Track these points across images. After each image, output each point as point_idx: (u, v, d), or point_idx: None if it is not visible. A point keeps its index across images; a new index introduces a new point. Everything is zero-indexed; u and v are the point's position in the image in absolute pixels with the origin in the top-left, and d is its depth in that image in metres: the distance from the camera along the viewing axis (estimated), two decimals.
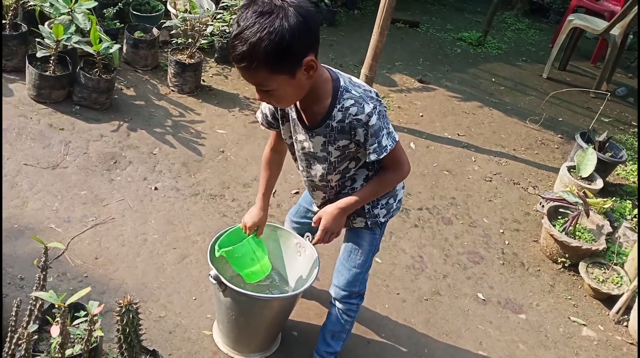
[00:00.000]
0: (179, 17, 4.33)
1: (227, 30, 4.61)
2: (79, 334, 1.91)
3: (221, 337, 2.48)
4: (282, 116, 1.97)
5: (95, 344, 1.94)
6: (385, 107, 1.84)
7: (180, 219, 3.16)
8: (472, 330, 2.96)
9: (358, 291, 2.31)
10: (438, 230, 3.68)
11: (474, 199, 4.08)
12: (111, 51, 3.75)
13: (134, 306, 1.82)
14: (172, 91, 4.37)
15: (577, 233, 3.57)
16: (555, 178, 4.46)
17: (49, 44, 3.65)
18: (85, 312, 1.97)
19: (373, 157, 1.81)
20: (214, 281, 2.20)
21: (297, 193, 3.64)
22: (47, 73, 3.67)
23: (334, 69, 1.81)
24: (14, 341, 1.62)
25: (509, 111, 5.57)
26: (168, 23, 4.40)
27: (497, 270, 3.45)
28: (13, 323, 1.63)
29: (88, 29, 3.72)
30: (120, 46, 4.00)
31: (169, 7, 4.77)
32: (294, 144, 2.01)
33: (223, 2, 4.73)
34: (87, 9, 3.77)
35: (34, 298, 1.61)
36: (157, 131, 3.83)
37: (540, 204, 4.10)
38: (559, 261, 3.57)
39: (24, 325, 1.60)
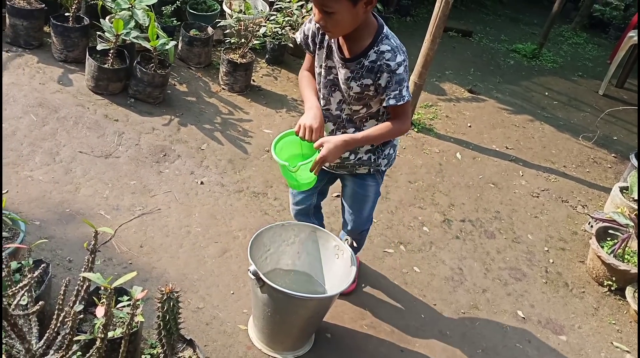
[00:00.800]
0: (233, 17, 4.42)
1: (280, 32, 4.67)
2: (121, 317, 1.98)
3: (256, 333, 2.51)
4: (321, 40, 2.11)
5: (135, 329, 2.00)
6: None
7: (223, 214, 3.22)
8: (509, 348, 2.89)
9: (368, 227, 2.68)
10: (480, 243, 3.61)
11: (519, 214, 3.98)
12: (167, 47, 3.87)
13: (175, 294, 1.87)
14: (223, 89, 4.46)
15: (626, 257, 3.43)
16: (606, 198, 4.30)
17: (109, 37, 3.79)
18: (128, 297, 2.04)
19: (392, 102, 1.99)
20: (253, 277, 2.23)
21: (338, 195, 3.65)
22: (106, 66, 3.81)
23: (379, 17, 2.01)
24: (60, 319, 1.69)
25: (561, 127, 5.41)
26: (223, 22, 4.50)
27: (539, 289, 3.35)
28: (60, 302, 1.70)
29: (146, 25, 3.84)
30: (176, 42, 4.11)
31: (225, 7, 4.88)
32: (322, 71, 2.15)
33: (277, 4, 4.80)
34: (147, 6, 3.90)
35: (81, 279, 1.68)
36: (207, 127, 3.92)
37: (589, 224, 3.96)
38: (605, 284, 3.44)
39: (70, 305, 1.66)
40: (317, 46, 2.12)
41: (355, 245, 2.59)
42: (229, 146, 3.82)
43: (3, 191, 2.90)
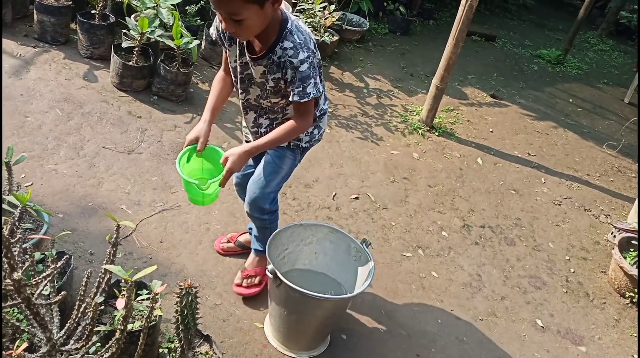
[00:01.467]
0: None
1: None
2: (141, 310, 1.99)
3: (272, 331, 2.52)
4: (230, 37, 2.07)
5: (154, 322, 2.02)
6: (319, 59, 2.02)
7: (242, 213, 3.22)
8: (527, 357, 2.85)
9: (269, 209, 2.44)
10: (500, 249, 3.56)
11: (540, 222, 3.93)
12: (190, 46, 3.90)
13: (194, 290, 1.88)
14: None
15: None
16: (630, 207, 4.22)
17: (134, 35, 3.84)
18: (148, 291, 2.05)
19: (296, 98, 1.98)
20: (270, 276, 2.24)
21: (356, 197, 3.64)
22: (130, 63, 3.86)
23: (284, 10, 1.96)
24: (81, 310, 1.71)
25: (585, 134, 5.33)
26: None
27: (559, 298, 3.30)
28: (82, 294, 1.72)
29: (171, 23, 3.89)
30: (199, 42, 4.15)
31: None
32: (237, 67, 2.12)
33: (299, 6, 4.82)
34: (172, 5, 3.94)
35: (103, 271, 1.70)
36: (228, 126, 3.94)
37: (611, 234, 3.89)
38: (627, 295, 3.37)
39: (92, 296, 1.68)
40: (229, 43, 2.09)
41: (372, 245, 2.54)
42: None
43: (28, 184, 2.95)
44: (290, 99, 2.01)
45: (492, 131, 4.93)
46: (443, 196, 3.91)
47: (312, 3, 4.77)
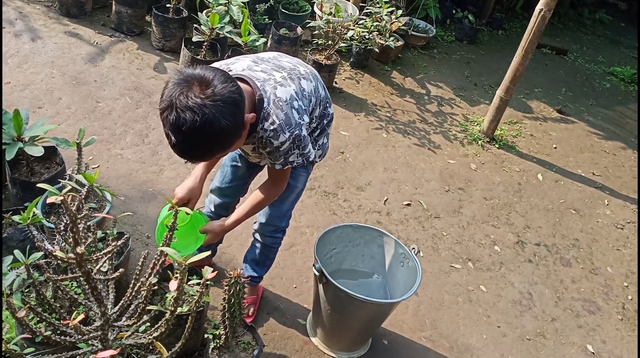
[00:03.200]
0: (323, 19, 4.49)
1: (367, 37, 4.69)
2: (191, 294, 2.07)
3: (314, 329, 2.54)
4: None
5: (202, 308, 2.08)
6: (303, 128, 1.77)
7: (293, 210, 3.27)
8: None
9: (284, 227, 2.36)
10: (554, 269, 3.44)
11: (599, 244, 3.76)
12: (257, 43, 3.99)
13: (242, 279, 1.93)
14: None
15: None
16: None
17: (204, 30, 3.97)
18: (199, 277, 2.12)
19: (277, 167, 1.87)
20: (317, 273, 2.26)
21: (408, 204, 3.61)
22: (199, 57, 3.99)
23: (259, 84, 1.74)
24: (135, 288, 1.79)
25: None
26: (312, 23, 4.58)
27: (613, 325, 3.15)
28: (137, 273, 1.80)
29: (240, 20, 3.99)
30: (265, 40, 4.24)
31: (316, 9, 4.96)
32: None
33: (367, 9, 4.82)
34: (242, 2, 4.05)
35: (158, 254, 1.77)
36: None
37: None
38: None
39: (146, 276, 1.76)
40: None
41: (420, 253, 2.50)
42: None
43: (95, 166, 3.11)
44: (270, 166, 1.90)
45: (555, 147, 4.76)
46: (498, 210, 3.81)
47: (379, 7, 4.76)
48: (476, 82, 5.51)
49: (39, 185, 1.77)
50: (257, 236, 2.40)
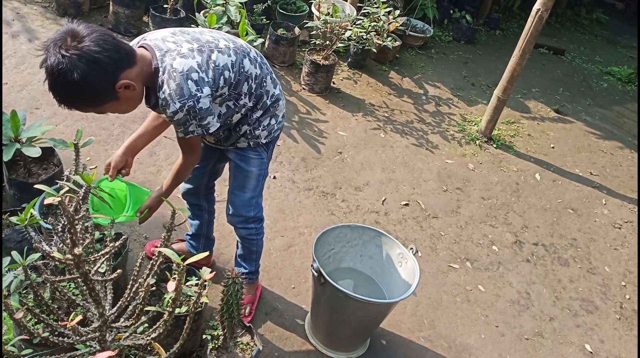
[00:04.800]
0: (320, 19, 4.50)
1: (364, 37, 4.70)
2: (189, 295, 2.06)
3: (312, 329, 2.54)
4: None
5: (200, 308, 2.08)
6: (203, 101, 1.77)
7: (291, 210, 3.28)
8: None
9: (254, 216, 2.33)
10: (552, 269, 3.45)
11: (597, 244, 3.77)
12: (255, 44, 3.98)
13: (240, 280, 1.93)
14: (303, 88, 4.54)
15: None
16: None
17: None
18: (197, 278, 2.12)
19: (180, 135, 1.88)
20: (315, 274, 2.26)
21: (406, 204, 3.62)
22: None
23: (160, 47, 1.79)
24: (133, 290, 1.79)
25: None
26: (310, 24, 4.58)
27: (611, 324, 3.16)
28: (135, 274, 1.80)
29: (238, 21, 3.98)
30: (263, 40, 4.23)
31: (313, 9, 4.97)
32: None
33: (364, 9, 4.83)
34: (240, 3, 4.04)
35: (156, 254, 1.77)
36: (285, 124, 4.00)
37: None
38: None
39: (144, 277, 1.76)
40: None
41: (419, 253, 2.51)
42: (303, 145, 3.88)
43: (93, 166, 3.11)
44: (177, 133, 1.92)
45: (553, 147, 4.77)
46: (496, 210, 3.82)
47: (377, 7, 4.77)
48: (474, 82, 5.52)
49: (36, 186, 1.77)
50: (234, 230, 2.41)
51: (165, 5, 4.26)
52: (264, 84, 2.03)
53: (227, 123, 2.04)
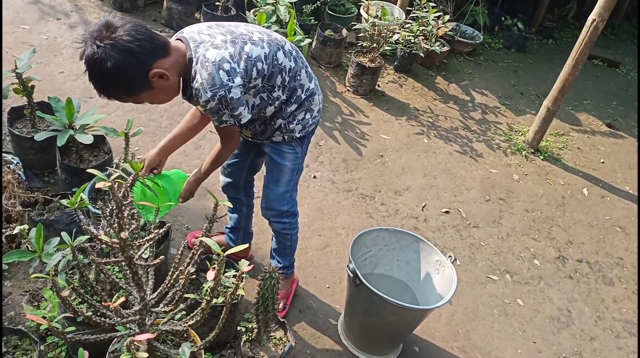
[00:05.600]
0: (369, 22, 4.49)
1: (412, 41, 4.66)
2: (227, 286, 2.09)
3: (345, 330, 2.53)
4: None
5: (236, 300, 2.11)
6: (234, 91, 1.80)
7: (330, 210, 3.28)
8: None
9: (287, 211, 2.35)
10: (595, 288, 3.33)
11: None
12: (302, 44, 4.01)
13: (277, 275, 1.95)
14: (348, 90, 4.54)
15: None
16: None
17: None
18: (235, 270, 2.15)
19: (216, 124, 1.92)
20: (351, 275, 2.26)
21: (447, 211, 3.56)
22: None
23: (195, 39, 1.84)
24: (173, 277, 1.83)
25: None
26: (358, 26, 4.58)
27: None
28: (176, 262, 1.84)
29: (287, 20, 4.02)
30: (310, 40, 4.26)
31: (362, 11, 4.96)
32: None
33: (413, 13, 4.79)
34: (289, 3, 4.08)
35: (197, 244, 1.80)
36: (327, 124, 4.02)
37: None
38: None
39: (185, 265, 1.79)
40: None
41: (457, 262, 2.48)
42: (344, 146, 3.88)
43: (140, 156, 3.19)
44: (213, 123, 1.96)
45: (603, 162, 4.61)
46: (540, 223, 3.72)
47: (426, 11, 4.73)
48: (523, 91, 5.39)
49: (88, 170, 1.83)
50: (268, 224, 2.44)
51: (217, 3, 4.35)
52: (298, 77, 2.05)
53: (262, 116, 2.07)
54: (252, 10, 4.27)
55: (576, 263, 3.47)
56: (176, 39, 1.89)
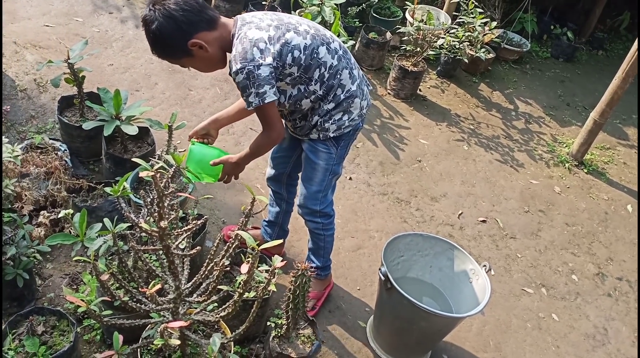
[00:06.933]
0: (414, 26, 4.46)
1: (457, 46, 4.61)
2: (259, 281, 2.12)
3: (374, 333, 2.53)
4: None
5: (267, 295, 2.13)
6: (263, 68, 1.87)
7: (364, 212, 3.28)
8: None
9: (320, 211, 2.37)
10: (635, 307, 3.21)
11: None
12: (345, 45, 4.02)
13: (309, 273, 1.96)
14: (389, 93, 4.52)
15: None
16: None
17: None
18: (267, 266, 2.18)
19: (246, 107, 1.98)
20: (383, 278, 2.25)
21: (484, 221, 3.51)
22: None
23: (245, 19, 1.95)
24: (208, 268, 1.86)
25: None
26: (402, 29, 4.56)
27: None
28: (212, 254, 1.88)
29: (331, 22, 4.03)
30: (354, 42, 4.26)
31: (407, 15, 4.94)
32: None
33: (460, 19, 4.73)
34: (335, 4, 4.10)
35: (233, 237, 1.83)
36: (366, 127, 4.01)
37: None
38: None
39: (219, 258, 1.83)
40: None
41: (491, 272, 2.44)
42: (382, 149, 3.87)
43: (182, 150, 3.27)
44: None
45: None
46: (580, 238, 3.61)
47: (473, 17, 4.66)
48: (569, 102, 5.25)
49: (133, 159, 1.89)
50: (304, 223, 2.48)
51: (263, 2, 4.40)
52: (339, 76, 2.08)
53: (298, 108, 2.11)
54: (297, 11, 4.30)
55: (616, 280, 3.36)
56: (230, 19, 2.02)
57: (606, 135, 4.81)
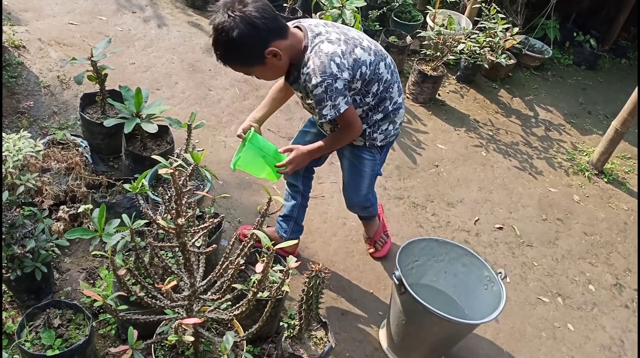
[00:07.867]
0: (434, 30, 4.44)
1: (477, 52, 4.58)
2: (273, 281, 2.13)
3: (386, 337, 2.52)
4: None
5: (281, 295, 2.14)
6: (339, 82, 1.94)
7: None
8: None
9: (370, 205, 2.65)
10: None
11: None
12: None
13: (323, 274, 1.96)
14: (407, 97, 4.51)
15: None
16: None
17: None
18: (281, 266, 2.19)
19: (319, 120, 2.06)
20: (396, 282, 2.24)
21: (500, 228, 3.48)
22: None
23: (313, 30, 2.00)
24: (223, 266, 1.88)
25: None
26: (423, 33, 4.54)
27: None
28: (227, 252, 1.89)
29: (352, 25, 4.04)
30: None
31: (428, 19, 4.92)
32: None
33: (481, 24, 4.70)
34: (356, 7, 4.10)
35: (249, 237, 1.84)
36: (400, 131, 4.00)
37: None
38: None
39: (234, 257, 1.84)
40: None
41: (507, 279, 2.44)
42: (399, 153, 3.86)
43: (200, 149, 3.30)
44: (319, 118, 2.06)
45: None
46: (598, 248, 3.56)
47: (494, 22, 4.63)
48: (590, 110, 5.18)
49: (153, 156, 1.92)
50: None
51: (284, 5, 4.43)
52: (390, 89, 2.20)
53: None
54: (318, 13, 4.32)
55: (634, 292, 3.30)
56: (294, 26, 2.05)
57: (627, 144, 4.74)
